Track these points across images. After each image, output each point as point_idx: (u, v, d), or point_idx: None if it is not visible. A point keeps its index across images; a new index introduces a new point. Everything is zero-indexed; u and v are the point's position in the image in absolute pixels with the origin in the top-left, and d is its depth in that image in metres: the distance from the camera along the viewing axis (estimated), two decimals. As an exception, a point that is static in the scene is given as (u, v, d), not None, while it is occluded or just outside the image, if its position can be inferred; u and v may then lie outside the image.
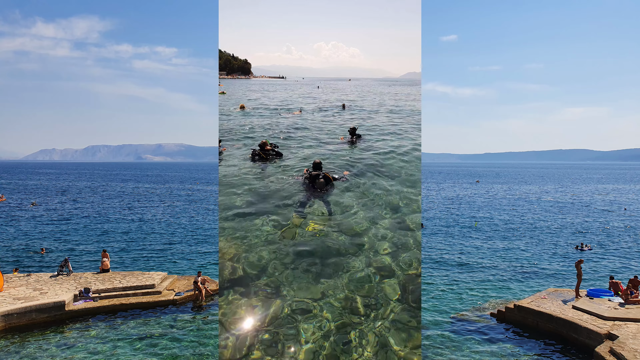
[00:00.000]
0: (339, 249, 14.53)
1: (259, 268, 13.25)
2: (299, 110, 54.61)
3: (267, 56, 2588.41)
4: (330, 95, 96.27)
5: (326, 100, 77.52)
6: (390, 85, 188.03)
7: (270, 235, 15.39)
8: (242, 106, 58.76)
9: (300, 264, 13.51)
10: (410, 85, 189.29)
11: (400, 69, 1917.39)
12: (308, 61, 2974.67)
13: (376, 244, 14.83)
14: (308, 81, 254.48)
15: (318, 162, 22.31)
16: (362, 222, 16.67)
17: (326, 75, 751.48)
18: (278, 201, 18.90)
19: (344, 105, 64.07)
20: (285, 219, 16.81)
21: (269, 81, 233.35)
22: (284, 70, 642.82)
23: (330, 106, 63.60)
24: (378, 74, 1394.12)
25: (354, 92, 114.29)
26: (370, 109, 61.90)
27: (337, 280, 12.68)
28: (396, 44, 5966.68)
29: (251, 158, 26.04)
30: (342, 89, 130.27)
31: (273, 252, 14.22)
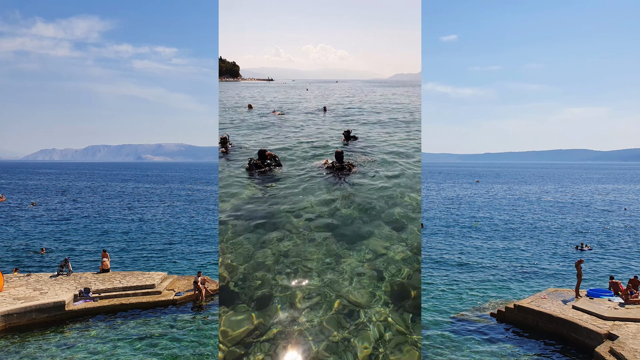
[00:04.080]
0: (339, 248, 14.54)
1: (259, 268, 13.25)
2: (275, 111, 55.27)
3: (255, 59, 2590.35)
4: (324, 98, 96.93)
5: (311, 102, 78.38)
6: (380, 87, 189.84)
7: (271, 235, 15.39)
8: (250, 105, 59.38)
9: (300, 264, 13.52)
10: (399, 86, 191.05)
11: (389, 70, 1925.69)
12: (296, 63, 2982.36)
13: (376, 244, 14.84)
14: (298, 83, 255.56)
15: (340, 151, 24.05)
16: (362, 221, 16.68)
17: (315, 77, 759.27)
18: (279, 202, 18.91)
19: (325, 107, 64.78)
20: (285, 219, 16.80)
21: (258, 84, 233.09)
22: (272, 73, 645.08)
23: (315, 109, 64.20)
24: (367, 75, 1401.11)
25: (343, 94, 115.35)
26: (366, 111, 62.36)
27: (337, 280, 12.68)
28: (385, 45, 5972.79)
29: (248, 168, 24.59)
30: (330, 92, 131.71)
31: (273, 252, 14.23)
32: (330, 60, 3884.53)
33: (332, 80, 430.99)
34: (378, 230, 15.91)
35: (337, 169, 23.36)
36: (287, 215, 17.23)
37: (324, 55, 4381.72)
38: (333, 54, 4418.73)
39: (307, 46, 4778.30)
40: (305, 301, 11.76)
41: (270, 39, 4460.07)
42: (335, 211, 17.75)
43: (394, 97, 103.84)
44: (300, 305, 11.59)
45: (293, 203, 18.66)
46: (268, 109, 61.09)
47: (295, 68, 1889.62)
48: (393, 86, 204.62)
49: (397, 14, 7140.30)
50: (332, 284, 12.53)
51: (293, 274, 13.00)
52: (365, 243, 14.92)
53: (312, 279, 12.75)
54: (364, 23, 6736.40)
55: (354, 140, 34.20)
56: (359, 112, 62.77)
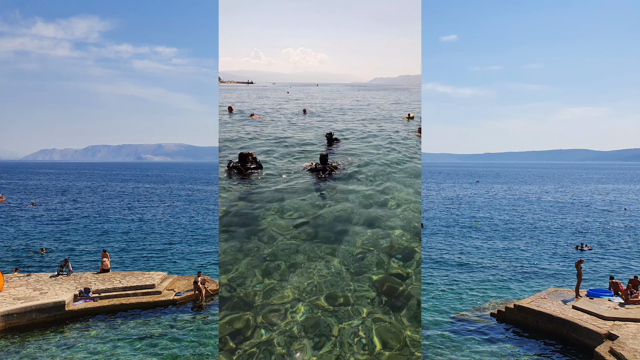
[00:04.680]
0: (339, 248, 14.54)
1: (259, 268, 13.26)
2: (254, 115, 55.13)
3: (234, 61, 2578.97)
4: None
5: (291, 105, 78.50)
6: (358, 90, 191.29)
7: (271, 235, 15.39)
8: (230, 108, 59.30)
9: (300, 265, 13.52)
10: (380, 90, 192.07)
11: (369, 74, 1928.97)
12: (277, 66, 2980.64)
13: (376, 244, 14.84)
14: (278, 86, 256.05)
15: (324, 154, 24.23)
16: (362, 223, 16.68)
17: (295, 81, 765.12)
18: (280, 200, 18.92)
19: (305, 110, 64.91)
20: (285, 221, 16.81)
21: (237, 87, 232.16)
22: (252, 76, 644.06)
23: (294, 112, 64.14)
24: (346, 79, 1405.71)
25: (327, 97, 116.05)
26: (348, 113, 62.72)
27: (337, 279, 12.69)
28: (365, 49, 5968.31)
29: (227, 173, 23.18)
30: (312, 94, 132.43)
31: (273, 253, 14.23)
32: (310, 63, 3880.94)
33: (313, 83, 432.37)
34: (377, 230, 15.91)
35: (320, 171, 23.62)
36: (275, 217, 17.25)
37: (304, 58, 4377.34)
38: (313, 57, 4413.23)
39: (288, 49, 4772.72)
40: (304, 301, 11.76)
41: (250, 41, 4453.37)
42: (336, 211, 17.75)
43: (373, 100, 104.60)
44: (299, 306, 11.59)
45: (280, 204, 18.67)
46: (248, 112, 60.70)
47: (277, 71, 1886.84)
48: (372, 90, 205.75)
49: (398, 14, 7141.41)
50: (330, 284, 12.53)
51: (293, 273, 13.00)
52: (365, 243, 14.92)
53: (308, 280, 12.75)
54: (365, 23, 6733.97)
55: (336, 142, 34.13)
56: (340, 113, 63.20)
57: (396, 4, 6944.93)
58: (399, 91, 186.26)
